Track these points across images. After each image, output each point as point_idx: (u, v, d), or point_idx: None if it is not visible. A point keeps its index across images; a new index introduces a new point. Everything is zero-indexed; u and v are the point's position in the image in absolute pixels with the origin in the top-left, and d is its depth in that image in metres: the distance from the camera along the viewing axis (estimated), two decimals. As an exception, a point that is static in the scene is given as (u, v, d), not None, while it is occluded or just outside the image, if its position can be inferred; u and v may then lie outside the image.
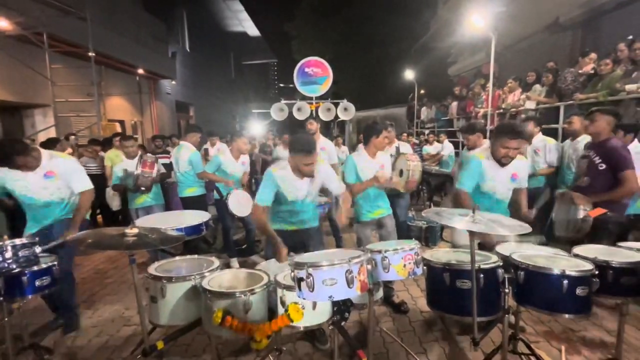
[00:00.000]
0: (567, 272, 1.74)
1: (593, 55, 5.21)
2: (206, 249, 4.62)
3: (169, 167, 4.75)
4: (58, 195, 2.59)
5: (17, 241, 1.87)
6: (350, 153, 5.28)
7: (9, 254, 1.81)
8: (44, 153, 2.57)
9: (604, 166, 2.72)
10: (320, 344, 2.49)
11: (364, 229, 3.01)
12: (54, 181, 2.55)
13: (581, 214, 2.49)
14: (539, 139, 3.91)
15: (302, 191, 2.48)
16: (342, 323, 1.86)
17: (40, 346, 2.32)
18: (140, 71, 11.25)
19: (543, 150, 3.82)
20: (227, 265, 3.90)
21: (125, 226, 1.83)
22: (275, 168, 2.46)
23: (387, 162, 3.07)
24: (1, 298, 1.91)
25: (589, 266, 1.81)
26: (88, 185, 2.69)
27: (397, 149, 3.80)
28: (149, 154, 4.09)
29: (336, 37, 19.15)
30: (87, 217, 2.81)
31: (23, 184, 2.50)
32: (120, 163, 4.07)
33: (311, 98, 7.31)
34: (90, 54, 7.51)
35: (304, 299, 1.52)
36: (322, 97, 7.42)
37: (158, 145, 6.09)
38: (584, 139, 3.60)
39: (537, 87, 6.05)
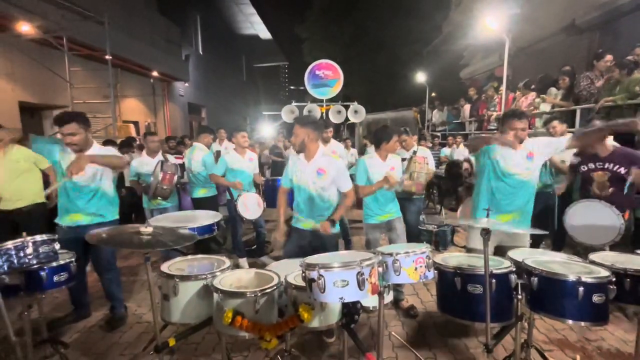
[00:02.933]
0: (583, 279, 1.70)
1: (609, 57, 5.09)
2: (217, 249, 4.68)
3: (181, 167, 4.82)
4: (99, 185, 2.67)
5: (38, 237, 1.93)
6: (360, 156, 5.27)
7: (29, 250, 1.87)
8: (95, 145, 2.70)
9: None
10: (327, 337, 2.54)
11: (373, 231, 3.01)
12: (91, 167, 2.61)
13: (620, 220, 2.60)
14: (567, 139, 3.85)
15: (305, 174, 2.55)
16: (352, 325, 1.86)
17: (57, 340, 2.38)
18: (155, 73, 11.48)
19: (568, 151, 3.74)
20: (237, 266, 3.93)
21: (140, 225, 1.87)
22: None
23: (398, 165, 3.07)
24: (21, 292, 1.97)
25: (605, 273, 1.77)
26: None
27: (415, 152, 3.76)
28: (169, 158, 4.08)
29: (347, 40, 19.18)
30: (117, 216, 2.87)
31: (66, 162, 2.57)
32: (138, 159, 4.10)
33: (321, 100, 7.33)
34: (107, 57, 7.70)
35: (314, 299, 1.53)
36: (333, 100, 7.43)
37: (172, 146, 6.22)
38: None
39: (553, 89, 5.94)
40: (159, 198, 3.79)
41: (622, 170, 2.88)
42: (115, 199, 2.85)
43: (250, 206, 3.83)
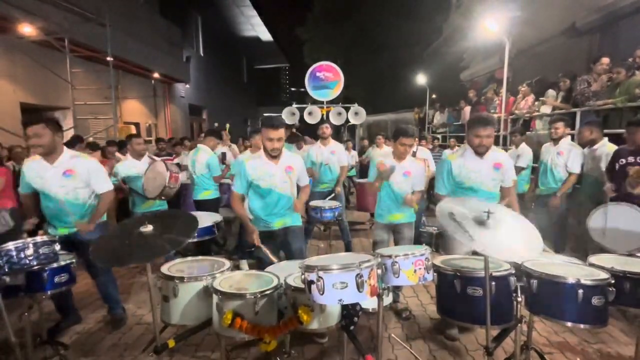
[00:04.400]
0: (582, 281, 1.70)
1: (605, 60, 5.08)
2: (217, 250, 4.68)
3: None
4: (74, 195, 2.57)
5: (38, 239, 1.94)
6: (359, 157, 5.26)
7: (30, 251, 1.88)
8: (66, 151, 2.60)
9: None
10: (319, 338, 2.55)
11: (380, 231, 3.00)
12: (72, 180, 2.55)
13: None
14: (566, 142, 3.84)
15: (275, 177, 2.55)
16: (351, 327, 1.86)
17: (57, 341, 2.39)
18: (156, 75, 11.52)
19: (567, 154, 3.72)
20: (237, 267, 3.93)
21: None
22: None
23: (416, 170, 2.94)
24: (22, 293, 1.98)
25: (604, 275, 1.77)
26: (108, 186, 2.74)
27: (414, 153, 3.77)
28: (156, 159, 4.05)
29: (347, 42, 19.22)
30: (105, 218, 2.87)
31: (40, 180, 2.51)
32: (124, 162, 3.93)
33: (322, 102, 7.35)
34: (108, 58, 7.73)
35: (314, 301, 1.53)
36: (333, 102, 7.44)
37: (162, 147, 6.19)
38: (603, 146, 3.56)
39: (551, 91, 5.96)
40: (163, 198, 3.77)
41: None
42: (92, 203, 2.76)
43: None
